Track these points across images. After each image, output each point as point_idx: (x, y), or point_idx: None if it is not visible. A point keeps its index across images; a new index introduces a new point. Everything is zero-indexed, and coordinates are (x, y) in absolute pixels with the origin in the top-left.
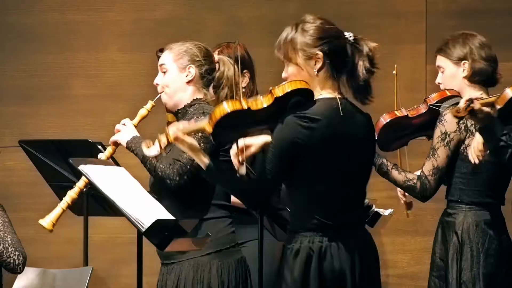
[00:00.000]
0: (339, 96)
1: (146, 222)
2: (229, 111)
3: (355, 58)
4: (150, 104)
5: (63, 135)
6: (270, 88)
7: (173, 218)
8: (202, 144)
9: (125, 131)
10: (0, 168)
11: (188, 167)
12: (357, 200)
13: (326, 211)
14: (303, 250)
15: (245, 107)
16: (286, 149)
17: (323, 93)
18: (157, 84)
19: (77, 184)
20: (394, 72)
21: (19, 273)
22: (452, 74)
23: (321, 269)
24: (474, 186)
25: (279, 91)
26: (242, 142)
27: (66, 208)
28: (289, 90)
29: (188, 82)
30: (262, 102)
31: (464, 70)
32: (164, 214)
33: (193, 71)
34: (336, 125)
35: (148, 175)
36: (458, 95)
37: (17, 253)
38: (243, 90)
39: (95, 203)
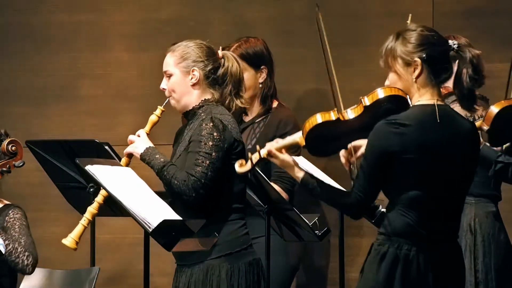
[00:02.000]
0: (438, 103)
1: (153, 222)
2: (319, 122)
3: (459, 66)
4: (159, 109)
5: (69, 135)
6: (360, 97)
7: (180, 218)
8: (214, 154)
9: (139, 142)
10: None
11: (203, 181)
12: (455, 209)
13: (420, 218)
14: (389, 255)
15: (334, 118)
16: (379, 156)
17: (421, 99)
18: (163, 89)
19: (96, 199)
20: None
21: (29, 273)
22: None
23: (406, 278)
24: (481, 178)
25: (368, 100)
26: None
27: (87, 224)
28: (378, 98)
29: (194, 85)
30: (352, 112)
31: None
32: (171, 215)
33: (197, 73)
34: (429, 131)
35: (155, 175)
36: (453, 92)
37: (26, 253)
38: (260, 85)
39: (102, 203)
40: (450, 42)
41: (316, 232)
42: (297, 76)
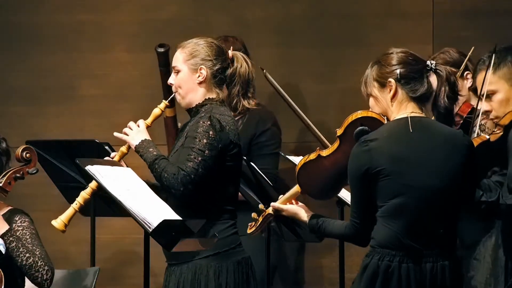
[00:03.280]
0: (412, 115)
1: (153, 222)
2: (302, 164)
3: (437, 86)
4: (163, 103)
5: (70, 135)
6: (336, 130)
7: (179, 218)
8: (207, 152)
9: (137, 133)
10: None
11: (193, 176)
12: (444, 219)
13: (402, 228)
14: (370, 267)
15: (315, 156)
16: (358, 179)
17: (398, 116)
18: (171, 84)
19: (89, 184)
20: None
21: None
22: (461, 86)
23: None
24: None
25: (340, 130)
26: None
27: (78, 208)
28: (347, 125)
29: (200, 83)
30: (331, 147)
31: (467, 80)
32: (171, 215)
33: (204, 72)
34: (400, 141)
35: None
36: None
37: (46, 267)
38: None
39: (102, 203)
40: (428, 62)
41: None
42: (297, 76)
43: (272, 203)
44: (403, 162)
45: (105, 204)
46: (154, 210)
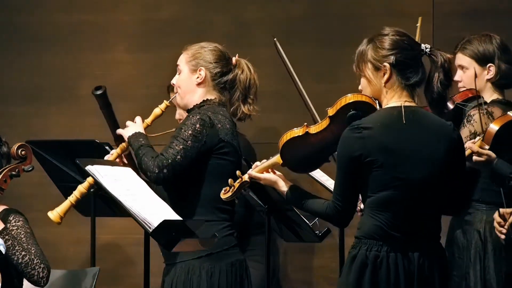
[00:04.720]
0: (406, 104)
1: (153, 222)
2: (288, 139)
3: (431, 70)
4: (164, 103)
5: (70, 135)
6: (326, 109)
7: (180, 218)
8: (189, 142)
9: (131, 127)
10: None
11: (170, 161)
12: (430, 210)
13: (389, 219)
14: (359, 257)
15: (302, 133)
16: (346, 163)
17: (390, 103)
18: (173, 84)
19: (87, 179)
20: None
21: (43, 286)
22: (478, 75)
23: (375, 280)
24: (494, 187)
25: (332, 110)
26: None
27: (74, 201)
28: (340, 107)
29: (199, 84)
30: (319, 125)
31: (489, 72)
32: (171, 215)
33: (203, 73)
34: (393, 132)
35: None
36: (479, 95)
37: (42, 265)
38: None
39: (102, 203)
40: (423, 46)
41: (316, 232)
42: (297, 76)
43: (249, 171)
44: (395, 154)
45: (105, 204)
46: (154, 210)
